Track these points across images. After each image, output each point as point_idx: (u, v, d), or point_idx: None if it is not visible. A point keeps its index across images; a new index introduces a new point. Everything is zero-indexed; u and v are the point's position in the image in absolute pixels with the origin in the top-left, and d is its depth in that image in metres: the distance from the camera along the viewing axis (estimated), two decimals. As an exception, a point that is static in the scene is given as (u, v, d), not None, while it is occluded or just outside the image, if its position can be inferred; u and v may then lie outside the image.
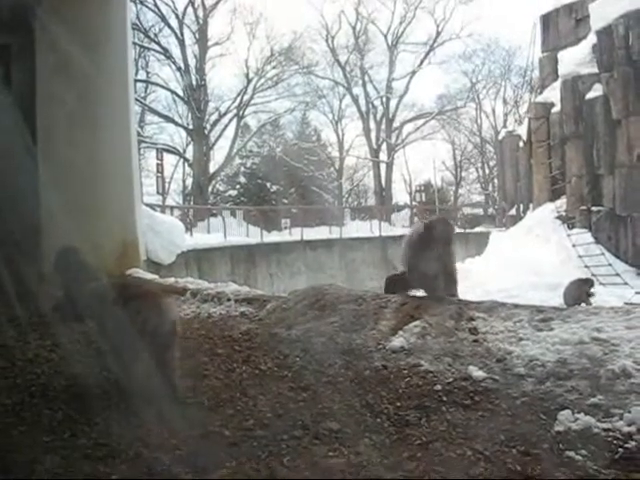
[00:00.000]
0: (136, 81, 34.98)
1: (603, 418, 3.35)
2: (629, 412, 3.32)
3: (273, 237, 31.58)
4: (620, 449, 3.05)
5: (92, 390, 4.18)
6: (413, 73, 53.11)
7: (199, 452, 3.49)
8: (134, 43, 34.56)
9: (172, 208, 32.70)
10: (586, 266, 22.98)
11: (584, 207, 25.58)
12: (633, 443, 3.07)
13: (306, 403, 4.13)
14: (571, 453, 3.08)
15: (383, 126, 53.75)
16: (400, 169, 57.17)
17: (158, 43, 42.95)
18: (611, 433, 3.20)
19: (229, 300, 6.85)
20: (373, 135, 53.48)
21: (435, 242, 5.76)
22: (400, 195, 59.31)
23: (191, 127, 44.37)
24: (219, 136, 46.36)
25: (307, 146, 53.62)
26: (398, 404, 3.94)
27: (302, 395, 4.25)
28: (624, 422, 3.26)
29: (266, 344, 5.32)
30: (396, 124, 54.65)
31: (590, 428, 3.27)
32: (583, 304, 12.83)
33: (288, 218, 36.98)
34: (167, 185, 44.18)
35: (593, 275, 20.83)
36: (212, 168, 46.06)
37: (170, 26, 42.36)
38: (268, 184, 51.64)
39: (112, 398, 4.10)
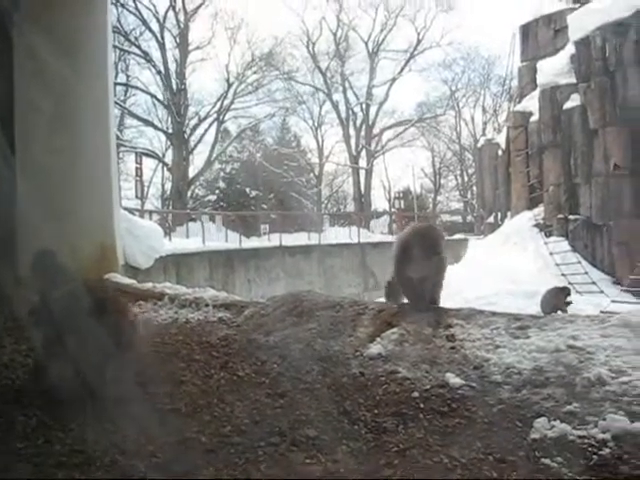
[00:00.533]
0: (116, 84, 34.89)
1: (578, 425, 3.37)
2: (604, 419, 3.34)
3: (252, 243, 31.50)
4: (595, 456, 3.07)
5: (67, 396, 4.14)
6: (393, 80, 53.27)
7: (176, 459, 3.48)
8: (114, 46, 34.42)
9: (151, 212, 32.57)
10: (563, 274, 23.18)
11: (561, 215, 25.83)
12: (607, 450, 3.10)
13: (283, 410, 4.12)
14: (547, 460, 3.10)
15: (363, 133, 53.88)
16: (379, 176, 57.30)
17: (138, 47, 42.82)
18: (586, 440, 3.22)
19: (207, 305, 6.82)
20: (353, 141, 53.60)
21: (420, 250, 5.53)
22: (379, 202, 59.43)
23: (171, 131, 44.24)
24: (199, 141, 46.23)
25: (287, 152, 53.58)
26: (375, 411, 3.94)
27: (279, 402, 4.25)
28: (599, 429, 3.28)
29: (244, 350, 5.31)
30: (376, 131, 54.82)
31: (565, 435, 3.29)
32: (560, 312, 12.92)
33: (267, 224, 36.95)
34: (146, 189, 43.95)
35: (570, 283, 21.02)
36: (191, 173, 45.92)
37: (151, 30, 42.25)
38: (247, 189, 51.60)
39: (88, 404, 4.07)
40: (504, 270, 22.58)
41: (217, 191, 52.78)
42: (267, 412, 4.10)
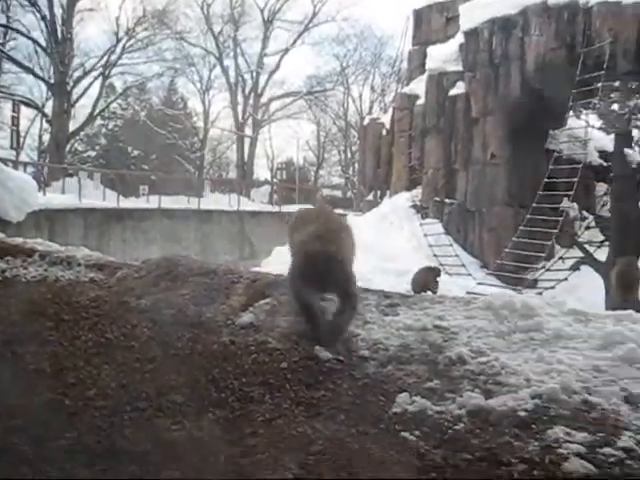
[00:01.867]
0: (-6, 26, 33.14)
1: (437, 401, 3.51)
2: (461, 396, 3.50)
3: (130, 203, 30.95)
4: (450, 430, 3.21)
5: None
6: (286, 51, 53.35)
7: (37, 421, 3.40)
8: (-5, -14, 32.66)
9: (26, 164, 31.51)
10: (435, 255, 23.97)
11: (438, 199, 26.67)
12: (462, 425, 3.24)
13: (151, 375, 4.08)
14: (406, 434, 3.20)
15: (251, 101, 53.72)
16: (264, 145, 57.52)
17: (22, -13, 40.84)
18: (443, 415, 3.35)
19: (79, 265, 6.63)
20: (240, 109, 53.26)
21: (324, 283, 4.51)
22: (261, 171, 59.80)
23: (52, 81, 42.56)
24: (82, 94, 44.85)
25: (172, 113, 52.82)
26: (243, 380, 3.96)
27: (148, 366, 4.20)
28: (456, 405, 3.43)
29: (114, 312, 5.20)
30: (264, 100, 54.85)
31: (425, 410, 3.41)
32: (429, 292, 13.34)
33: (147, 185, 36.29)
34: (22, 140, 42.28)
35: (441, 264, 21.73)
36: (72, 126, 44.49)
37: (36, -30, 40.37)
38: (129, 148, 50.64)
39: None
40: (379, 248, 23.07)
41: (97, 147, 51.53)
42: (135, 376, 4.05)
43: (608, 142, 25.25)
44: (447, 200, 26.43)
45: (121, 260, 7.56)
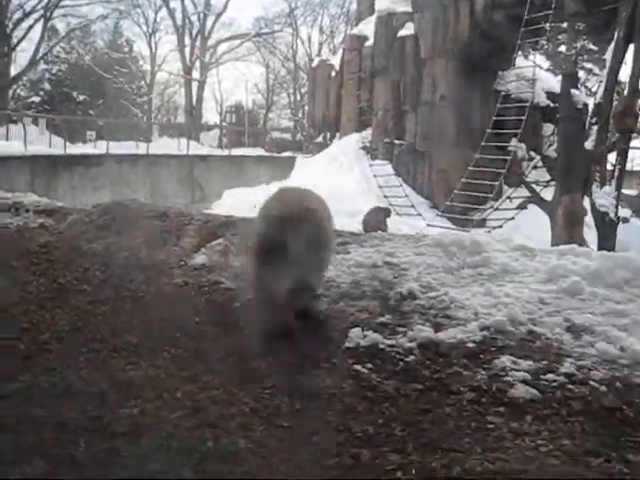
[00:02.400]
0: None
1: (389, 335, 3.60)
2: (412, 330, 3.59)
3: (77, 149, 30.32)
4: (401, 362, 3.30)
5: None
6: (232, -9, 51.99)
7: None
8: None
9: (-35, 110, 30.43)
10: (385, 196, 24.11)
11: (387, 140, 26.67)
12: (412, 357, 3.34)
13: (105, 317, 4.10)
14: (358, 367, 3.29)
15: (198, 43, 52.47)
16: (212, 88, 56.47)
17: None
18: (394, 349, 3.45)
19: (28, 211, 6.55)
20: (187, 51, 52.08)
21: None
22: (210, 115, 58.82)
23: (-10, 24, 40.95)
24: (23, 37, 43.18)
25: (118, 57, 51.44)
26: (197, 319, 4.01)
27: (101, 309, 4.22)
28: (406, 339, 3.52)
29: (65, 257, 5.18)
30: (211, 42, 53.57)
31: (377, 344, 3.50)
32: (380, 231, 13.45)
33: (94, 130, 35.53)
34: (-40, 85, 40.91)
35: (391, 205, 21.87)
36: (13, 71, 43.02)
37: None
38: (74, 93, 49.21)
39: None
40: (330, 189, 22.92)
41: (41, 93, 49.92)
42: (89, 319, 4.06)
43: (555, 83, 25.40)
44: (397, 141, 26.51)
45: (70, 206, 7.47)
